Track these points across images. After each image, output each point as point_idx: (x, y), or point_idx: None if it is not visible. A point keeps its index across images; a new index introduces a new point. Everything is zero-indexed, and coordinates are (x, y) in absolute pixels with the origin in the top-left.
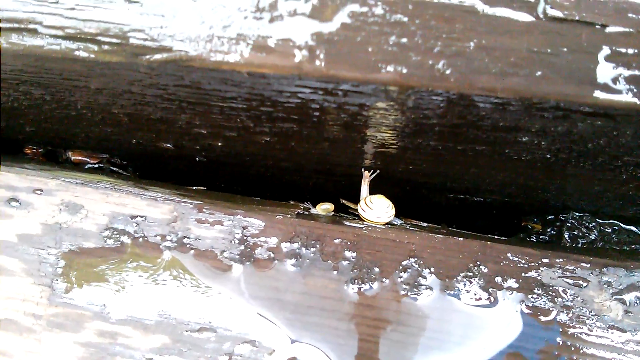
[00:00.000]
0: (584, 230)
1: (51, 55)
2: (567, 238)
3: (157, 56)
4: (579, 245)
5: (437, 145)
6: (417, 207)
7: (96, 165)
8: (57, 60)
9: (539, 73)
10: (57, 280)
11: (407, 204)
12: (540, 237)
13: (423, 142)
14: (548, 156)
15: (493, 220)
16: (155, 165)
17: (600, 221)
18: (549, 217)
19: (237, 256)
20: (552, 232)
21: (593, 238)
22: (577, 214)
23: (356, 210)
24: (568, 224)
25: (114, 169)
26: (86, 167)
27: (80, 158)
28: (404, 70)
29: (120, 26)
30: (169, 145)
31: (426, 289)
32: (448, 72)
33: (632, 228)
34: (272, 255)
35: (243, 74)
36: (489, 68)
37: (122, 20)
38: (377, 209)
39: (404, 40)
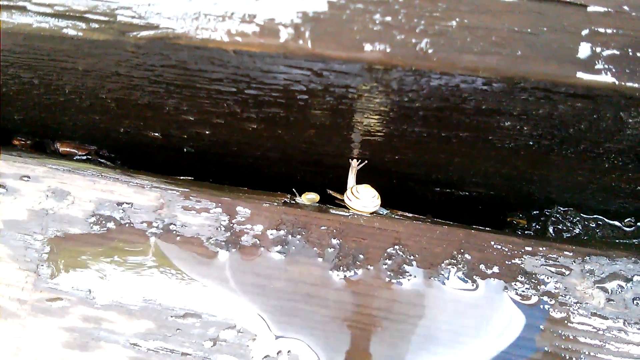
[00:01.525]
0: (568, 224)
1: (40, 34)
2: (552, 232)
3: (144, 33)
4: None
5: (422, 132)
6: (404, 201)
7: (84, 157)
8: (45, 38)
9: (519, 52)
10: (42, 265)
11: (394, 197)
12: (525, 232)
13: (408, 129)
14: (530, 143)
15: (480, 216)
16: (143, 157)
17: (585, 216)
18: (534, 212)
19: (223, 243)
20: (537, 227)
21: (577, 232)
22: (561, 208)
23: (343, 200)
24: (553, 219)
25: (102, 161)
26: (74, 158)
27: (68, 149)
28: (388, 49)
29: (108, 3)
30: (156, 134)
31: (410, 275)
32: (431, 51)
33: (616, 223)
34: (258, 242)
35: (229, 53)
36: (471, 47)
37: None
38: (363, 198)
39: (388, 18)
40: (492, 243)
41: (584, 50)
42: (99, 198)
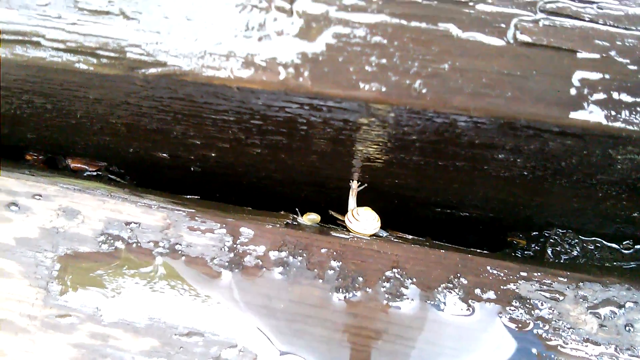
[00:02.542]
0: (567, 246)
1: (53, 67)
2: (550, 254)
3: (153, 70)
4: (561, 261)
5: (420, 161)
6: (405, 221)
7: (94, 173)
8: (58, 71)
9: (509, 94)
10: (52, 282)
11: (395, 217)
12: (525, 252)
13: (406, 157)
14: (525, 173)
15: (481, 235)
16: (152, 175)
17: (583, 238)
18: (534, 233)
19: (227, 263)
20: (536, 247)
21: (575, 254)
22: (560, 230)
23: (344, 221)
24: (551, 240)
25: (112, 177)
26: (85, 174)
27: (79, 165)
28: (383, 89)
29: (119, 41)
30: (164, 154)
31: (407, 298)
32: (424, 91)
33: (614, 245)
34: (260, 263)
35: (233, 89)
36: (463, 88)
37: (120, 35)
38: (363, 220)
39: (384, 60)
40: (488, 267)
41: (572, 92)
42: (108, 217)
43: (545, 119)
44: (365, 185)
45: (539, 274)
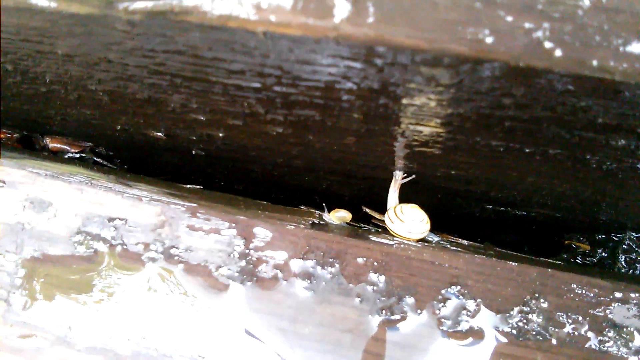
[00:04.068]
0: None
1: (2, 4)
2: (623, 262)
3: (139, 4)
4: (637, 272)
5: (499, 146)
6: (444, 218)
7: (77, 155)
8: (10, 11)
9: None
10: (14, 293)
11: (430, 212)
12: (588, 259)
13: (481, 141)
14: (639, 166)
15: (530, 235)
16: (145, 158)
17: None
18: (599, 236)
19: (237, 274)
20: (604, 254)
21: None
22: (634, 234)
23: (382, 221)
24: (624, 246)
25: (98, 160)
26: (66, 156)
27: (59, 146)
28: (490, 39)
29: None
30: (159, 134)
31: (471, 325)
32: (551, 44)
33: None
34: (280, 274)
35: (258, 35)
36: (609, 39)
37: None
38: (409, 221)
39: None
40: (574, 286)
41: None
42: (86, 212)
43: None
44: (413, 176)
45: (638, 294)
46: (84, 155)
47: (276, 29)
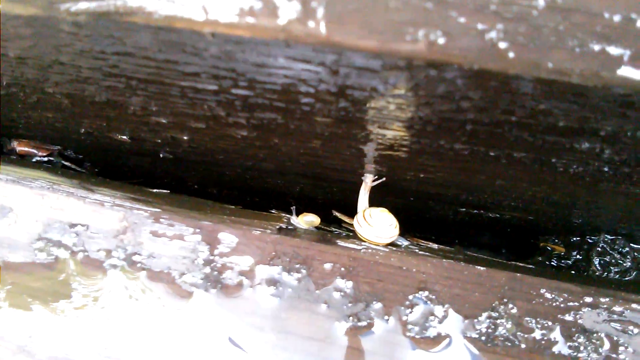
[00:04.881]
0: (617, 256)
1: None
2: (597, 265)
3: (82, 5)
4: (611, 275)
5: (463, 150)
6: (416, 220)
7: (46, 159)
8: None
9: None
10: None
11: (405, 215)
12: (562, 261)
13: (446, 145)
14: (605, 169)
15: (505, 238)
16: (114, 161)
17: (635, 246)
18: (574, 238)
19: (201, 281)
20: (578, 256)
21: (628, 266)
22: (608, 236)
23: (352, 225)
24: (598, 249)
25: (67, 163)
26: (34, 160)
27: (26, 149)
28: (441, 40)
29: None
30: (124, 137)
31: (439, 331)
32: (505, 44)
33: None
34: (246, 280)
35: (206, 36)
36: (564, 41)
37: None
38: (377, 225)
39: None
40: (543, 291)
41: None
42: (48, 217)
43: None
44: (383, 179)
45: (608, 299)
46: (52, 159)
47: (224, 30)
